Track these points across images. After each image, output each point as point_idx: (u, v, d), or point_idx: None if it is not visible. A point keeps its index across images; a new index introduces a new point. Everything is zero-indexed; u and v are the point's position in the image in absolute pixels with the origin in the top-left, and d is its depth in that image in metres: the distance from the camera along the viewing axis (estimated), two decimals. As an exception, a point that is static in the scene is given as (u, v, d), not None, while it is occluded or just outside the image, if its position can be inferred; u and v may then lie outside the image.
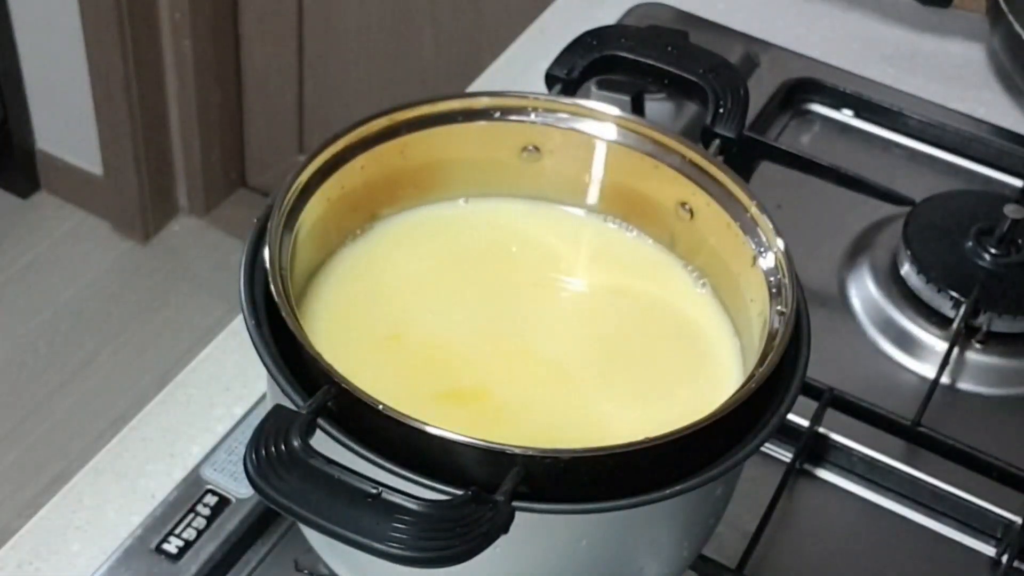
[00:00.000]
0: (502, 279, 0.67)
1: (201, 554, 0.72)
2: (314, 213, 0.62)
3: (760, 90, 1.05)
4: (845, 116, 1.08)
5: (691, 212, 0.67)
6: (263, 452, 0.49)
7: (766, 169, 0.77)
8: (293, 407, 0.52)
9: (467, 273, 0.67)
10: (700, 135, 0.70)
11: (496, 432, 0.57)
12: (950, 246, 0.91)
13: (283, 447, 0.50)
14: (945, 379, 0.87)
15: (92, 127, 2.17)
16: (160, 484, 0.76)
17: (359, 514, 0.47)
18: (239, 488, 0.75)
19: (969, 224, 0.92)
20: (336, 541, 0.48)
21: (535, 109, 0.68)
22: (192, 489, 0.75)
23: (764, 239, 0.63)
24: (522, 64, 1.09)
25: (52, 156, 2.27)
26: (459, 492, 0.50)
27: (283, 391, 0.53)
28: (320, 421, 0.52)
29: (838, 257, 0.95)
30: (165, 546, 0.72)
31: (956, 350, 0.87)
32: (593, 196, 0.70)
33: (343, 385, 0.52)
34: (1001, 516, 0.79)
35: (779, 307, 0.60)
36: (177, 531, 0.73)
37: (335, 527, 0.47)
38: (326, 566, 0.65)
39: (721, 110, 0.70)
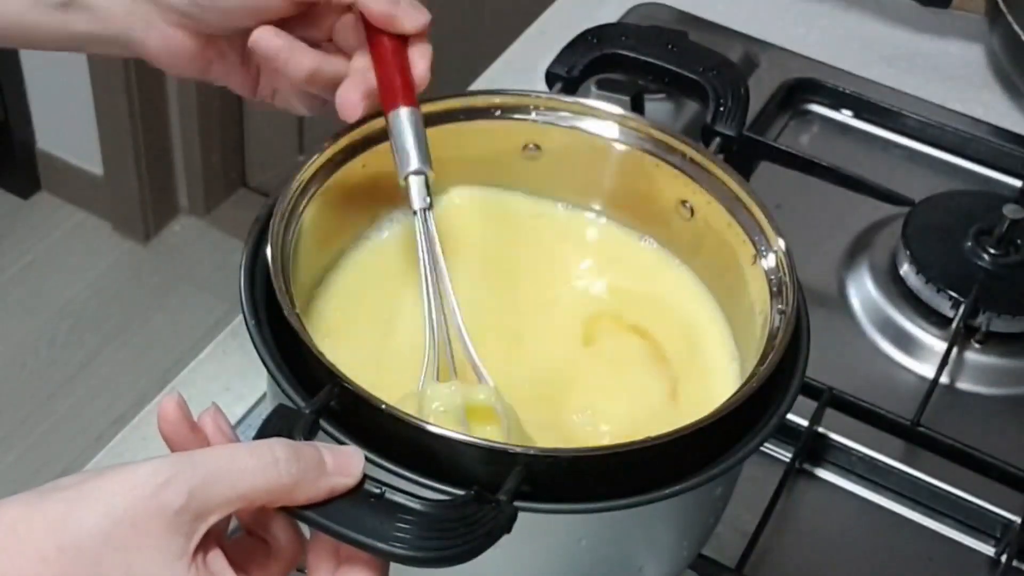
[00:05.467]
0: (502, 278, 0.67)
1: (202, 553, 0.72)
2: (315, 212, 0.62)
3: (760, 90, 1.05)
4: (845, 116, 1.08)
5: (691, 210, 0.67)
6: (265, 451, 0.49)
7: (766, 169, 0.77)
8: (294, 407, 0.52)
9: (467, 272, 0.67)
10: (700, 134, 0.70)
11: (497, 431, 0.57)
12: (949, 246, 0.91)
13: (285, 446, 0.50)
14: (944, 379, 0.87)
15: (92, 127, 2.17)
16: (161, 483, 0.75)
17: (362, 514, 0.48)
18: (240, 487, 0.75)
19: (968, 224, 0.92)
20: (340, 541, 0.48)
21: (536, 107, 0.68)
22: (193, 488, 0.75)
23: (765, 238, 0.63)
24: (522, 63, 1.09)
25: (52, 156, 2.27)
26: (461, 492, 0.50)
27: (284, 392, 0.53)
28: (322, 422, 0.52)
29: (838, 257, 0.95)
30: (166, 545, 0.72)
31: (955, 350, 0.87)
32: (594, 194, 0.71)
33: (346, 384, 0.52)
34: (1001, 516, 0.79)
35: (779, 306, 0.60)
36: (178, 530, 0.72)
37: (338, 527, 0.47)
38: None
39: (722, 108, 0.70)
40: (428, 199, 0.62)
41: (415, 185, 0.62)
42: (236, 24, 0.66)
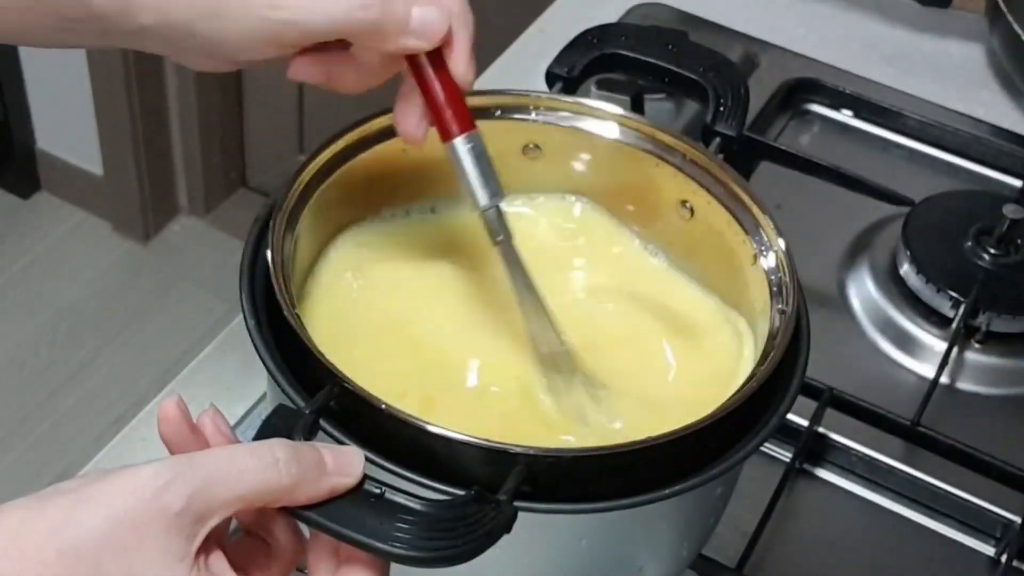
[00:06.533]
0: (502, 278, 0.67)
1: (202, 553, 0.72)
2: (316, 212, 0.62)
3: (760, 90, 1.05)
4: (845, 116, 1.08)
5: (691, 211, 0.67)
6: (265, 451, 0.49)
7: (766, 169, 0.77)
8: (294, 407, 0.52)
9: (466, 271, 0.67)
10: (700, 134, 0.70)
11: (497, 431, 0.57)
12: (949, 246, 0.91)
13: (285, 447, 0.49)
14: (944, 379, 0.87)
15: (92, 127, 2.17)
16: (161, 484, 0.75)
17: (363, 514, 0.48)
18: (240, 488, 0.75)
19: (968, 224, 0.92)
20: (340, 541, 0.48)
21: (536, 107, 0.68)
22: (193, 489, 0.75)
23: (765, 238, 0.63)
24: (522, 63, 1.09)
25: (52, 156, 2.27)
26: (461, 492, 0.50)
27: (284, 392, 0.53)
28: (322, 422, 0.52)
29: (838, 257, 0.95)
30: (166, 545, 0.72)
31: (955, 350, 0.87)
32: (594, 194, 0.71)
33: (346, 384, 0.52)
34: (1001, 516, 0.79)
35: (780, 306, 0.60)
36: (178, 530, 0.72)
37: (339, 527, 0.47)
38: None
39: (721, 108, 0.70)
40: (503, 232, 0.60)
41: (490, 222, 0.60)
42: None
